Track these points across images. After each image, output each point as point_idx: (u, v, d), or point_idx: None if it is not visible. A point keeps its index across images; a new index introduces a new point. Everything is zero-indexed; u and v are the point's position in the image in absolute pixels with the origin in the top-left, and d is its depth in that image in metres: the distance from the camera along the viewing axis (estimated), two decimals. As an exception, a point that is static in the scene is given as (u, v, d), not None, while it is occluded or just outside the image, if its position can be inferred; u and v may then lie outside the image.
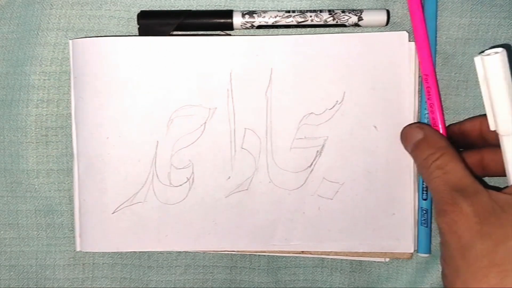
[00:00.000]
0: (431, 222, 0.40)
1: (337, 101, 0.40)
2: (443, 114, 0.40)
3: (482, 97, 0.41)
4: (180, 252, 0.41)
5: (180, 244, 0.40)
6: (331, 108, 0.40)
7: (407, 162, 0.40)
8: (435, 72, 0.40)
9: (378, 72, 0.40)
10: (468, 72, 0.41)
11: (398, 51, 0.40)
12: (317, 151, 0.40)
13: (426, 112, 0.40)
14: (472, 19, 0.41)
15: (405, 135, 0.39)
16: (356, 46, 0.39)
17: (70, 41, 0.39)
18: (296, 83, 0.39)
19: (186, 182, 0.40)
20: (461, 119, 0.41)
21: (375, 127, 0.40)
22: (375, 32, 0.40)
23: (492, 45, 0.40)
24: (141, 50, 0.39)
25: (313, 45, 0.39)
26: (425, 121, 0.40)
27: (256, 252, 0.41)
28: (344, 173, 0.40)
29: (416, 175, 0.40)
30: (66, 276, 0.42)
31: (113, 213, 0.40)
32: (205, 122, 0.39)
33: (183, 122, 0.39)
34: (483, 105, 0.41)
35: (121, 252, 0.42)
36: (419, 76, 0.40)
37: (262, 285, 0.42)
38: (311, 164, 0.40)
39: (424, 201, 0.40)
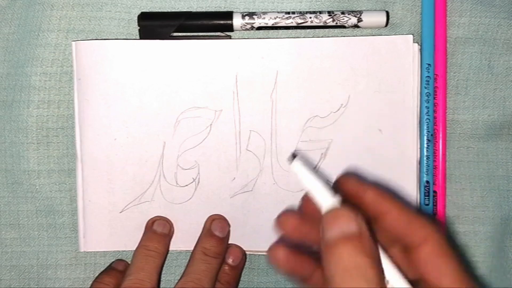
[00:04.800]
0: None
1: (342, 104, 0.41)
2: (445, 114, 0.42)
3: (481, 96, 0.43)
4: (180, 252, 0.43)
5: (185, 242, 0.41)
6: (336, 111, 0.41)
7: (411, 166, 0.41)
8: (446, 73, 0.41)
9: (383, 75, 0.41)
10: (468, 71, 0.42)
11: (403, 55, 0.41)
12: (322, 154, 0.41)
13: (426, 113, 0.41)
14: (472, 19, 0.42)
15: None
16: (361, 50, 0.41)
17: (73, 43, 0.40)
18: (301, 85, 0.41)
19: (192, 182, 0.41)
20: (460, 118, 0.42)
21: (380, 130, 0.41)
22: (374, 33, 0.42)
23: (492, 44, 0.42)
24: (147, 53, 0.41)
25: (318, 48, 0.41)
26: (425, 122, 0.41)
27: (258, 252, 0.42)
28: None
29: (419, 178, 0.41)
30: (68, 276, 0.43)
31: (121, 212, 0.41)
32: (211, 124, 0.41)
33: (190, 124, 0.41)
34: (482, 105, 0.43)
35: (123, 251, 0.43)
36: (420, 78, 0.41)
37: (261, 285, 0.43)
38: (316, 166, 0.41)
39: (426, 206, 0.41)
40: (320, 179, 0.31)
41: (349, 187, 0.32)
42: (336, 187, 0.32)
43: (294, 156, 0.32)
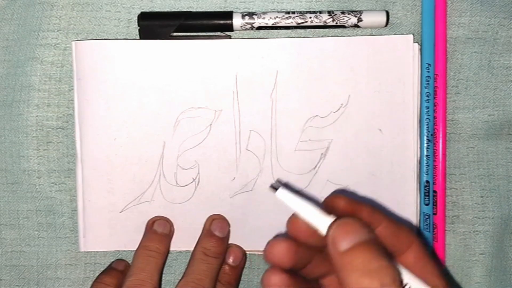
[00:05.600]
0: (433, 227, 0.42)
1: (342, 104, 0.41)
2: (445, 114, 0.42)
3: (481, 96, 0.43)
4: (180, 252, 0.43)
5: (185, 242, 0.42)
6: (336, 111, 0.41)
7: (411, 166, 0.41)
8: (446, 73, 0.41)
9: (383, 75, 0.41)
10: (468, 71, 0.42)
11: (403, 55, 0.41)
12: (322, 154, 0.41)
13: (426, 113, 0.41)
14: (472, 19, 0.42)
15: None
16: (361, 49, 0.41)
17: (73, 42, 0.41)
18: (301, 85, 0.41)
19: (192, 182, 0.41)
20: (460, 118, 0.43)
21: (380, 130, 0.41)
22: (374, 32, 0.42)
23: (492, 44, 0.42)
24: (147, 53, 0.41)
25: (318, 48, 0.41)
26: (425, 122, 0.41)
27: (258, 252, 0.42)
28: (348, 176, 0.41)
29: (419, 178, 0.42)
30: (68, 276, 0.43)
31: (120, 212, 0.41)
32: (211, 124, 0.41)
33: (189, 124, 0.41)
34: (482, 105, 0.43)
35: (123, 251, 0.43)
36: (420, 78, 0.41)
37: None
38: (316, 166, 0.41)
39: (426, 206, 0.41)
40: (310, 203, 0.32)
41: (342, 207, 0.32)
42: (326, 208, 0.32)
43: (274, 186, 0.33)
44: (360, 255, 0.28)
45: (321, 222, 0.31)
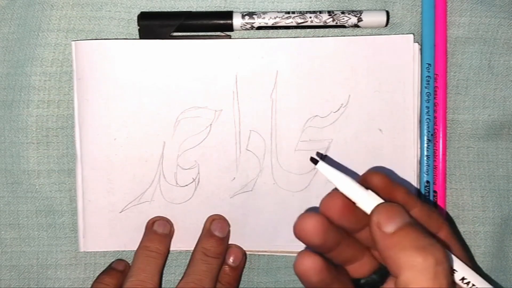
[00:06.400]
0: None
1: (342, 104, 0.41)
2: (446, 114, 0.42)
3: (481, 96, 0.43)
4: (180, 252, 0.43)
5: (185, 242, 0.42)
6: (336, 111, 0.41)
7: (412, 166, 0.41)
8: (446, 73, 0.41)
9: (383, 75, 0.41)
10: (468, 71, 0.42)
11: (403, 54, 0.41)
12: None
13: (426, 113, 0.41)
14: (472, 18, 0.42)
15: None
16: (361, 49, 0.41)
17: (73, 42, 0.41)
18: (301, 85, 0.41)
19: (192, 182, 0.41)
20: (460, 118, 0.43)
21: (380, 130, 0.41)
22: (374, 32, 0.42)
23: (492, 44, 0.42)
24: (147, 53, 0.41)
25: (318, 48, 0.41)
26: (425, 122, 0.41)
27: (258, 252, 0.42)
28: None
29: (419, 178, 0.41)
30: (68, 276, 0.43)
31: (120, 212, 0.41)
32: (211, 124, 0.41)
33: (190, 124, 0.41)
34: (482, 105, 0.43)
35: (123, 251, 0.43)
36: (420, 78, 0.41)
37: (261, 285, 0.43)
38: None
39: (425, 207, 0.42)
40: (349, 177, 0.32)
41: (380, 184, 0.33)
42: (363, 183, 0.33)
43: (313, 159, 0.33)
44: (408, 235, 0.29)
45: (359, 196, 0.32)
